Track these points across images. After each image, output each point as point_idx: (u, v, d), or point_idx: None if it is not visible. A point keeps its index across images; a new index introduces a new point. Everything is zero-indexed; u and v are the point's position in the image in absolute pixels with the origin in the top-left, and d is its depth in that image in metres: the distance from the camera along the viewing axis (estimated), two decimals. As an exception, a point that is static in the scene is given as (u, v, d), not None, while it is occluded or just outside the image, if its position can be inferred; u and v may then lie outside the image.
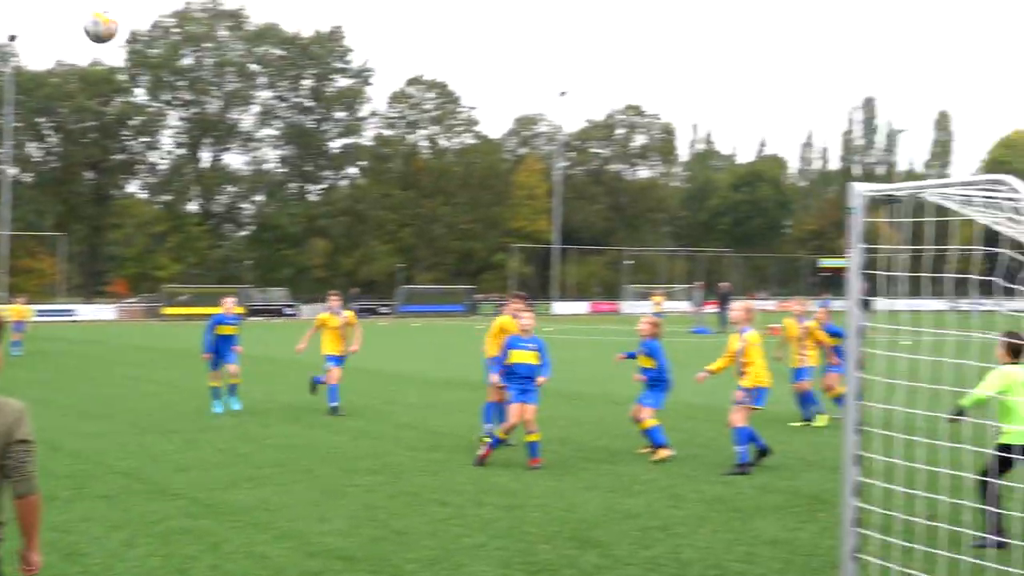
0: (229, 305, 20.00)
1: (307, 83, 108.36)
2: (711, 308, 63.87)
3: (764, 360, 13.58)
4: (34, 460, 4.81)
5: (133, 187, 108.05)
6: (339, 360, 19.16)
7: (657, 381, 14.73)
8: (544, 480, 12.53)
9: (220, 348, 19.34)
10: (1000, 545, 8.77)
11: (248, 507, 10.65)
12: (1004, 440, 9.27)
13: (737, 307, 14.46)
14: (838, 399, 17.21)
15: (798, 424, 17.46)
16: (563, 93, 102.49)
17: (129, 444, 15.30)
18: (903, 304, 10.97)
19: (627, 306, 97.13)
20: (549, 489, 11.95)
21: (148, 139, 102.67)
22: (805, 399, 17.79)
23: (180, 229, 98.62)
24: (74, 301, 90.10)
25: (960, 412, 9.41)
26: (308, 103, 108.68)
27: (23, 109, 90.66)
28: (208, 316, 21.03)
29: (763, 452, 13.58)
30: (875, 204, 7.25)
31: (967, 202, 7.01)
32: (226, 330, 19.54)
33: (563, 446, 15.21)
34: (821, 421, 17.41)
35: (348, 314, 19.73)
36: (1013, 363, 9.48)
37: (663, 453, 13.98)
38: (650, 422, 14.25)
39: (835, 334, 17.88)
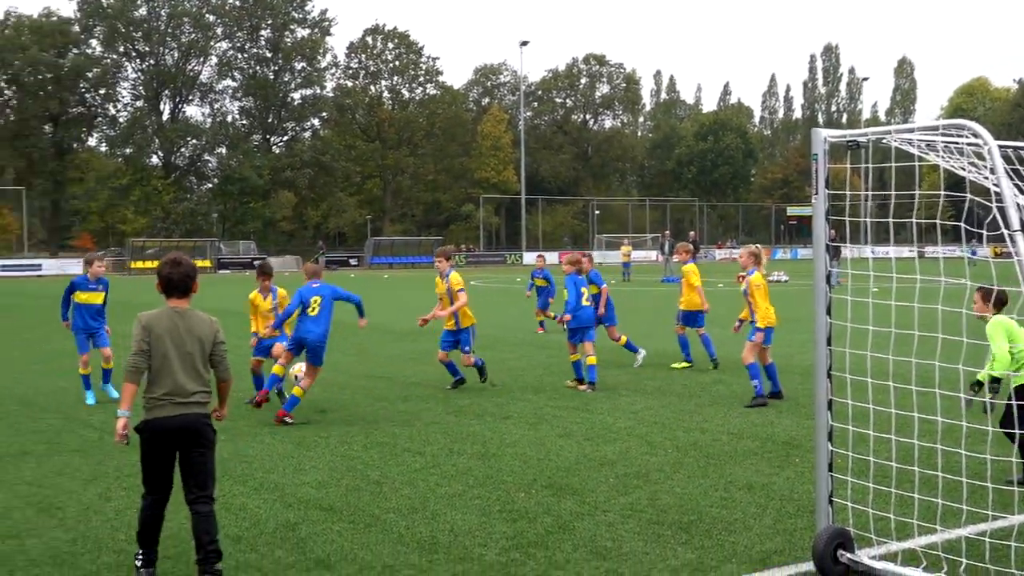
0: (95, 267, 15.30)
1: (265, 34, 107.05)
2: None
3: (768, 300, 14.47)
4: (227, 354, 7.07)
5: (93, 141, 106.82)
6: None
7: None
8: (518, 429, 12.57)
9: (87, 323, 15.15)
10: None
11: (223, 459, 10.59)
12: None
13: (742, 251, 15.18)
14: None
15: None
16: (525, 43, 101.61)
17: (99, 397, 15.19)
18: (870, 251, 11.06)
19: (597, 256, 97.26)
20: (524, 437, 11.99)
21: (106, 92, 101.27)
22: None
23: (143, 183, 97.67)
24: (40, 256, 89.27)
25: (979, 386, 9.39)
26: (267, 54, 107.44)
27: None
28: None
29: (776, 394, 14.50)
30: (839, 150, 7.26)
31: (930, 148, 7.03)
32: (88, 298, 15.11)
33: (537, 395, 15.26)
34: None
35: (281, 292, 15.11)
36: (995, 313, 9.47)
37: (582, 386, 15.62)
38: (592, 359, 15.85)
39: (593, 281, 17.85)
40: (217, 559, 6.75)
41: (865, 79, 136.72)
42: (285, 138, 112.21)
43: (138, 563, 6.96)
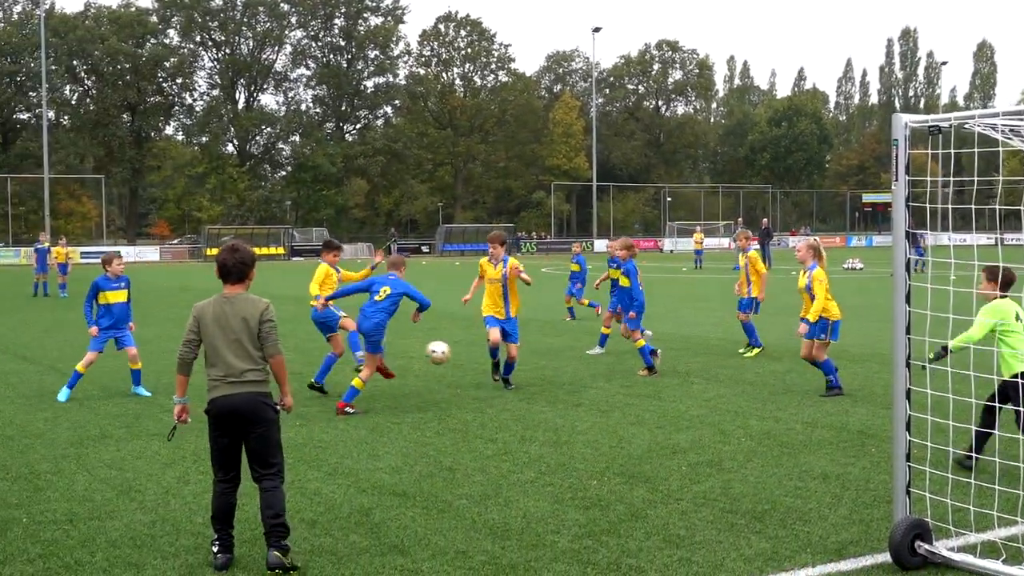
0: (114, 265, 14.66)
1: (339, 22, 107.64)
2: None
3: (830, 295, 13.83)
4: (276, 332, 7.19)
5: (170, 129, 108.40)
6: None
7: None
8: (590, 416, 12.56)
9: (114, 323, 14.68)
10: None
11: (298, 444, 10.75)
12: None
13: (800, 246, 14.43)
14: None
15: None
16: (597, 29, 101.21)
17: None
18: (947, 238, 10.86)
19: (668, 243, 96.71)
20: (595, 425, 11.98)
21: (183, 81, 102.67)
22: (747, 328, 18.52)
23: (219, 170, 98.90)
24: (118, 243, 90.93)
25: (945, 352, 9.25)
26: (340, 42, 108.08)
27: (57, 52, 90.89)
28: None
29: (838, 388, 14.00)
30: (916, 136, 7.12)
31: (1014, 133, 6.87)
32: (113, 297, 14.65)
33: (608, 382, 15.23)
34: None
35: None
36: (1003, 296, 9.36)
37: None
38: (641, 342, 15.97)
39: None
40: (283, 534, 6.94)
41: (944, 63, 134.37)
42: (358, 126, 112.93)
43: (215, 547, 7.11)
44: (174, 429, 7.65)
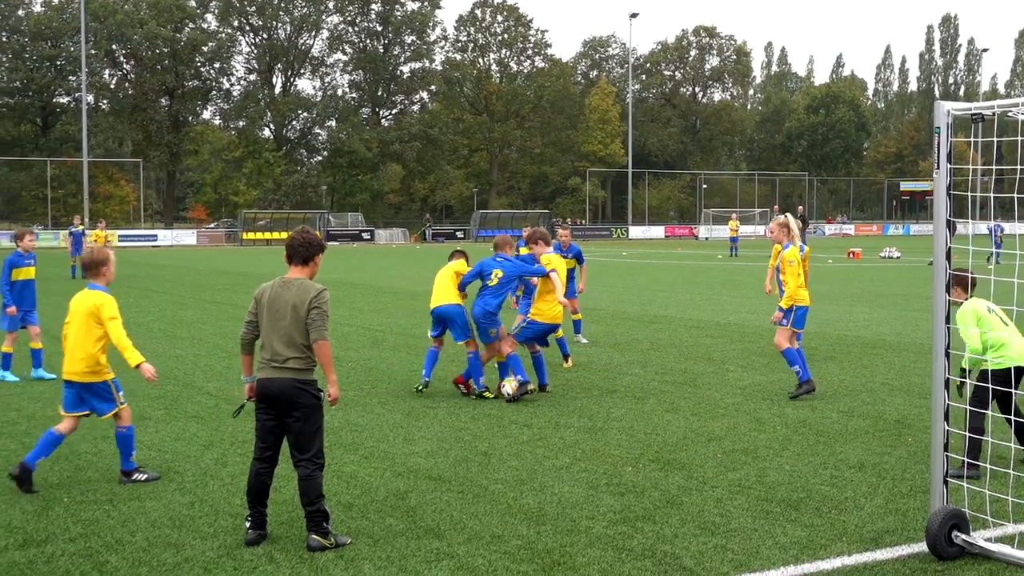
0: (26, 240, 14.73)
1: (376, 7, 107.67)
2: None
3: (801, 279, 12.98)
4: (324, 319, 7.20)
5: (207, 114, 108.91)
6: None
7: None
8: (625, 403, 12.56)
9: (24, 300, 14.59)
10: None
11: (334, 428, 10.82)
12: (995, 367, 8.84)
13: (772, 224, 13.49)
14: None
15: None
16: (634, 15, 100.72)
17: (215, 366, 15.62)
18: (986, 228, 10.77)
19: (703, 230, 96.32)
20: (630, 412, 11.98)
21: (220, 65, 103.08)
22: None
23: (255, 155, 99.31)
24: (156, 226, 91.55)
25: (965, 373, 9.08)
26: (377, 27, 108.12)
27: (97, 37, 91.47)
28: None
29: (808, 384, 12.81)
30: (959, 124, 7.05)
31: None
32: (25, 273, 14.56)
33: (643, 369, 15.22)
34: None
35: None
36: (968, 298, 9.17)
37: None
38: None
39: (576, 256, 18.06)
40: (321, 520, 7.11)
41: (984, 50, 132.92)
42: (394, 111, 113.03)
43: (247, 523, 7.29)
44: (242, 407, 7.74)
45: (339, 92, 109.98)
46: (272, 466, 7.33)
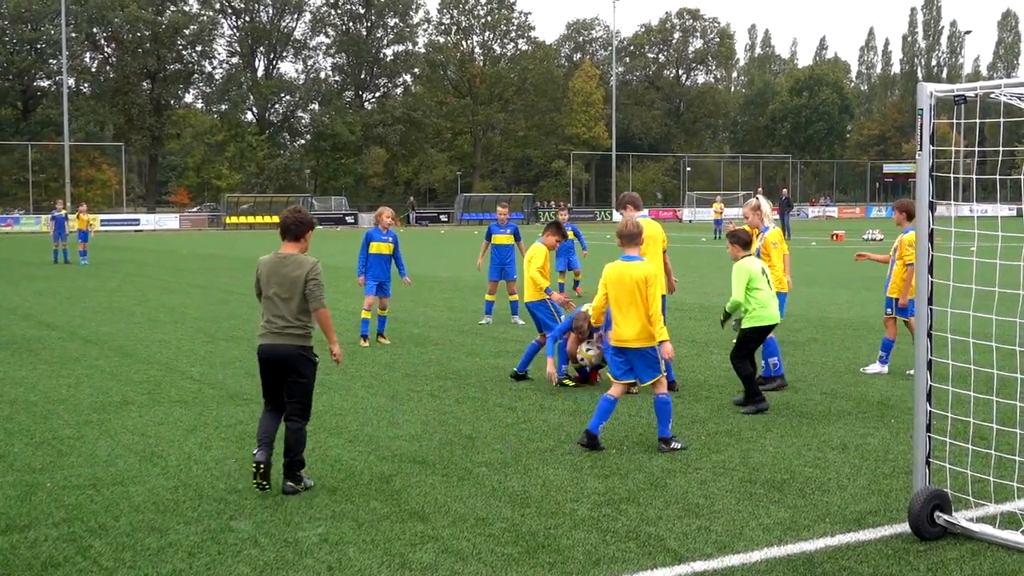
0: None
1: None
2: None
3: (780, 263, 12.95)
4: (320, 289, 8.06)
5: (189, 97, 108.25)
6: None
7: None
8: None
9: None
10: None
11: (318, 412, 10.78)
12: (756, 323, 11.05)
13: (746, 209, 13.28)
14: None
15: None
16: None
17: (199, 351, 15.57)
18: (968, 210, 10.81)
19: (687, 213, 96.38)
20: (615, 395, 11.97)
21: (202, 48, 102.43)
22: None
23: (238, 139, 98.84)
24: (138, 211, 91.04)
25: (727, 316, 11.46)
26: (360, 10, 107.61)
27: (77, 20, 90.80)
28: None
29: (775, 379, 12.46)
30: (942, 106, 7.06)
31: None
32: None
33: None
34: None
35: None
36: (746, 256, 11.18)
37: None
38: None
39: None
40: (298, 467, 8.07)
41: (967, 32, 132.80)
42: (377, 94, 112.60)
43: (255, 452, 8.05)
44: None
45: (322, 75, 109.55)
46: (279, 414, 8.18)
